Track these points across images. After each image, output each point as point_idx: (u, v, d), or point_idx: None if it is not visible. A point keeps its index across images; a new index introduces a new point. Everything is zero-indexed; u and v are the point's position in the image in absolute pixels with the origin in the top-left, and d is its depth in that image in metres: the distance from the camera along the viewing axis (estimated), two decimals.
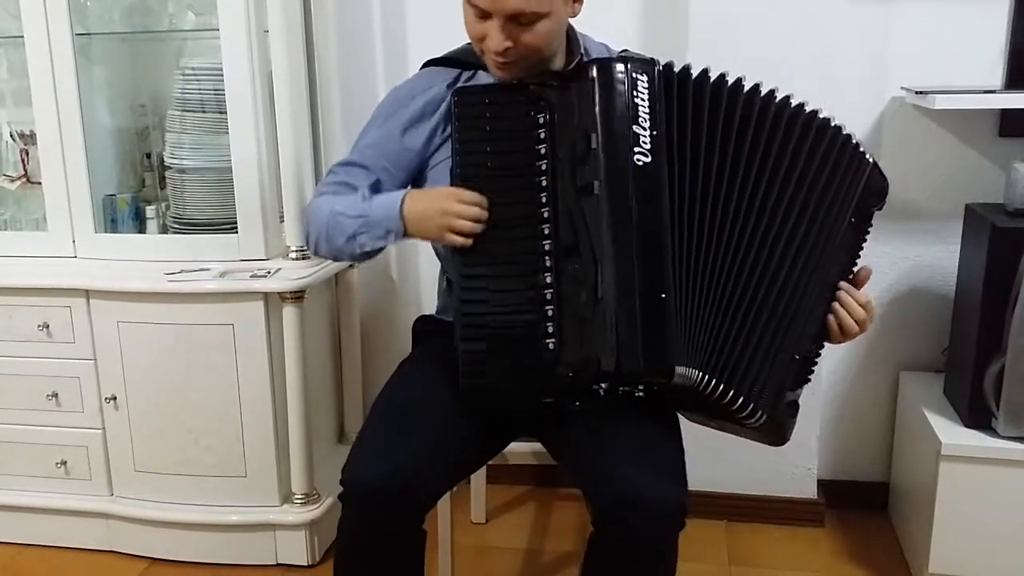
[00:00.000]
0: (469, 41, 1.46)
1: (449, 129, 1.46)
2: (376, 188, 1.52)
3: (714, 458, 2.22)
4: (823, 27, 2.03)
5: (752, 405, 1.37)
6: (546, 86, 1.38)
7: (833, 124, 1.42)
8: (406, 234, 1.43)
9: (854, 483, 2.34)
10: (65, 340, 2.10)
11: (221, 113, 2.04)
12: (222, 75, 2.00)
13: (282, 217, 2.10)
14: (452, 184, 1.39)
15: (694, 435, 2.28)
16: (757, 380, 1.37)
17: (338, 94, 2.25)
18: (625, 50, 1.58)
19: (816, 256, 1.40)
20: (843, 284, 1.44)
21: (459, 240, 1.36)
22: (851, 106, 2.11)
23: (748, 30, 2.05)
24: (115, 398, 2.10)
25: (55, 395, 2.13)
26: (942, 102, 1.89)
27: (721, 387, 1.35)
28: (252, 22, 1.96)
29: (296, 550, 2.12)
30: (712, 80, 1.38)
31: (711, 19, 2.08)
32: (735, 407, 1.37)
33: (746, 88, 1.39)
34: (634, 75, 1.33)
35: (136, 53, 2.35)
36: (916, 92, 1.99)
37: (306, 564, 2.12)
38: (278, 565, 2.13)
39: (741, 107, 1.37)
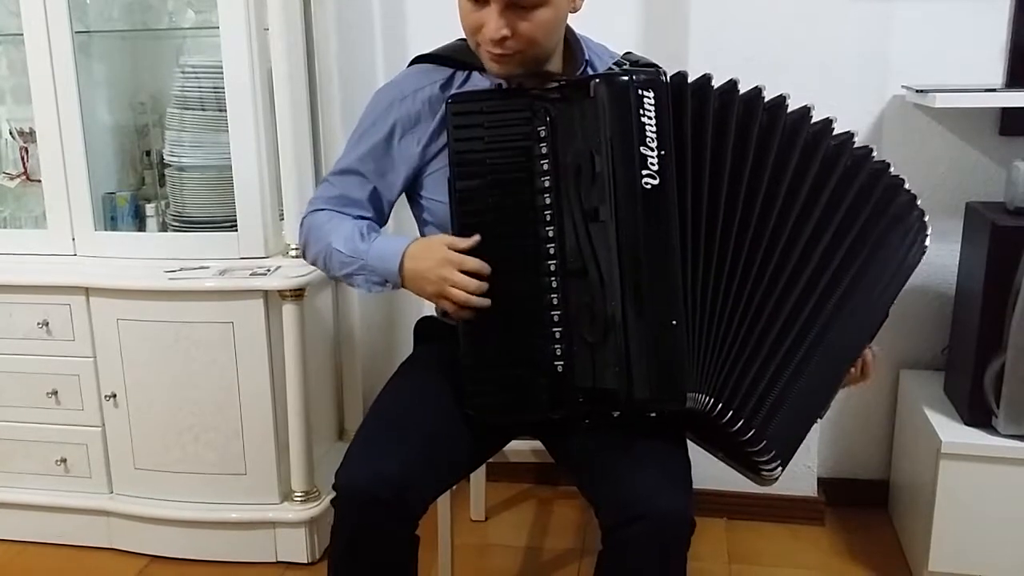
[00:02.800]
0: (462, 37, 1.43)
1: (445, 136, 1.41)
2: (375, 197, 1.52)
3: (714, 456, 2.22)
4: (824, 25, 2.03)
5: (770, 449, 1.33)
6: (546, 97, 1.33)
7: (907, 188, 1.36)
8: (404, 286, 1.41)
9: (854, 481, 2.34)
10: (65, 338, 2.10)
11: (221, 111, 2.04)
12: (222, 73, 1.99)
13: (282, 215, 2.10)
14: (450, 198, 1.37)
15: None
16: (774, 420, 1.32)
17: (338, 92, 2.25)
18: (628, 53, 1.52)
19: (860, 322, 1.36)
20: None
21: (452, 308, 1.35)
22: (851, 104, 2.10)
23: (748, 29, 2.05)
24: (115, 396, 2.10)
25: (55, 393, 2.13)
26: (943, 100, 1.88)
27: (733, 417, 1.31)
28: (252, 20, 1.96)
29: (296, 548, 2.12)
30: (724, 93, 1.31)
31: (712, 17, 2.09)
32: (754, 450, 1.33)
33: (768, 104, 1.32)
34: (640, 91, 1.27)
35: (136, 51, 2.34)
36: (916, 90, 1.99)
37: (306, 562, 2.12)
38: (278, 563, 2.13)
39: (759, 128, 1.31)
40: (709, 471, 2.22)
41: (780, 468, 1.36)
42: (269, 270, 2.02)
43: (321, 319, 2.30)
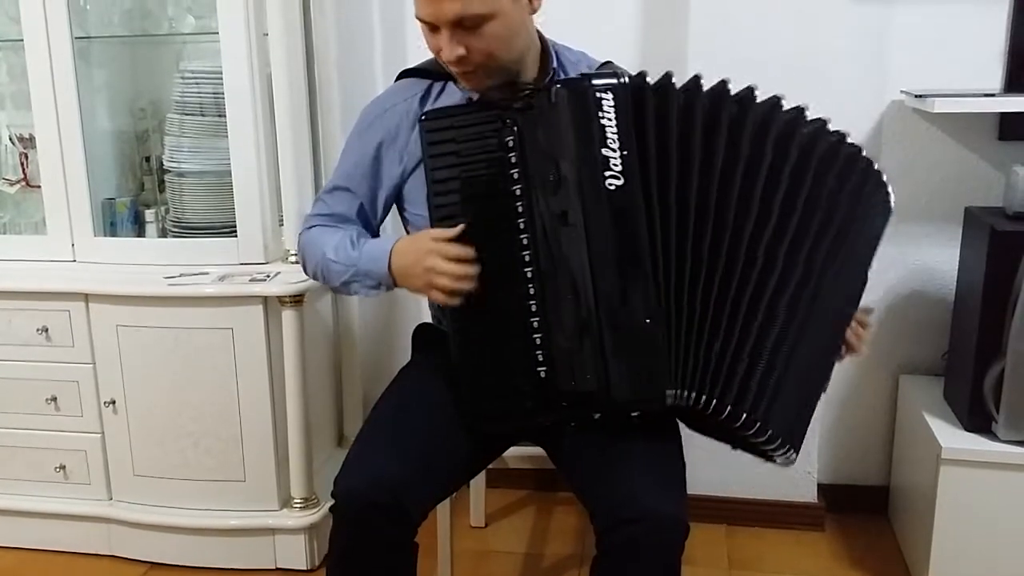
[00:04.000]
0: None
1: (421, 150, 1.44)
2: (363, 214, 1.56)
3: (714, 462, 2.21)
4: (823, 30, 2.03)
5: (776, 436, 1.32)
6: (512, 107, 1.36)
7: (849, 144, 1.36)
8: (396, 285, 1.44)
9: (854, 487, 2.34)
10: (64, 344, 2.10)
11: (220, 116, 2.04)
12: (221, 78, 2.00)
13: (281, 221, 2.10)
14: (429, 211, 1.39)
15: (695, 439, 2.27)
16: (774, 405, 1.31)
17: (338, 97, 2.25)
18: (608, 62, 1.54)
19: (844, 295, 1.37)
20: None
21: (441, 298, 1.36)
22: (850, 109, 2.10)
23: (747, 32, 2.05)
24: (114, 402, 2.09)
25: (54, 399, 2.13)
26: (941, 105, 1.88)
27: (732, 411, 1.30)
28: (251, 25, 1.96)
29: (295, 554, 2.12)
30: (689, 90, 1.32)
31: (711, 21, 2.09)
32: (759, 440, 1.32)
33: (736, 97, 1.33)
34: (598, 95, 1.29)
35: (135, 56, 2.35)
36: (915, 95, 1.99)
37: (305, 568, 2.12)
38: (277, 569, 2.13)
39: (728, 120, 1.32)
40: (709, 477, 2.23)
41: (792, 451, 1.36)
42: (269, 276, 2.01)
43: (321, 325, 2.30)
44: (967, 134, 2.11)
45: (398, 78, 1.59)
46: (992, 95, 1.93)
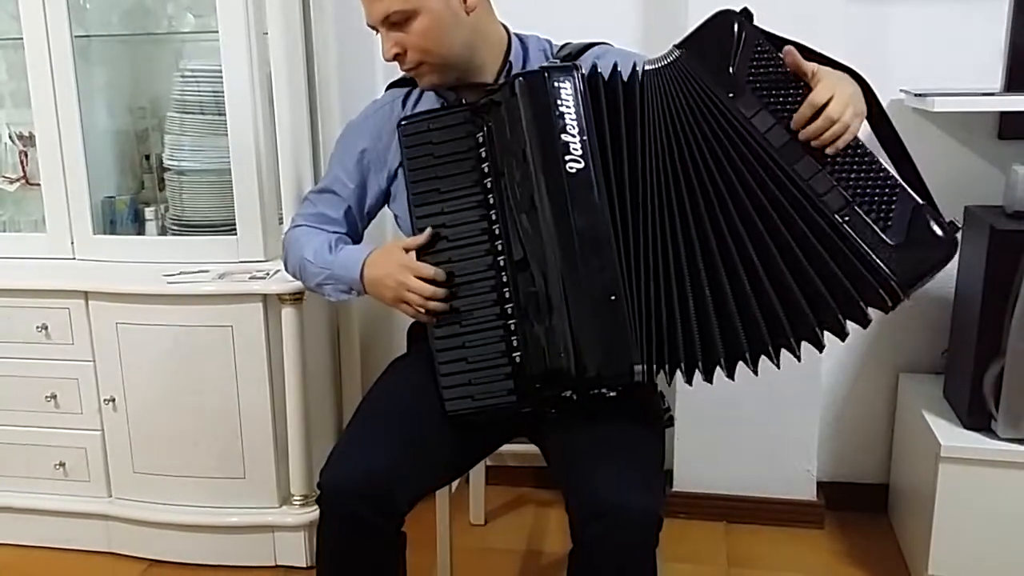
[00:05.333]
0: None
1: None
2: (350, 216, 1.62)
3: (713, 460, 2.23)
4: (821, 29, 2.03)
5: (766, 351, 1.32)
6: (479, 104, 1.41)
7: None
8: (367, 293, 1.50)
9: (854, 485, 2.34)
10: (64, 342, 2.10)
11: (220, 115, 2.05)
12: (221, 77, 2.00)
13: (281, 219, 2.10)
14: (409, 210, 1.45)
15: (694, 437, 2.28)
16: (774, 332, 1.32)
17: (337, 95, 2.24)
18: (567, 43, 1.58)
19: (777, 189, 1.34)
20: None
21: (410, 311, 1.43)
22: None
23: None
24: (114, 400, 2.10)
25: (54, 396, 2.13)
26: (941, 104, 1.88)
27: (708, 370, 1.32)
28: (251, 24, 1.97)
29: (295, 552, 2.12)
30: (627, 78, 1.37)
31: None
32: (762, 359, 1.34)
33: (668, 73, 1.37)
34: (556, 84, 1.34)
35: (135, 55, 2.35)
36: (915, 95, 1.99)
37: (304, 566, 2.12)
38: (277, 566, 2.13)
39: (660, 97, 1.36)
40: (709, 475, 2.23)
41: (898, 294, 1.40)
42: (268, 274, 2.02)
43: (320, 322, 2.30)
44: (967, 133, 2.11)
45: (386, 89, 1.65)
46: (992, 94, 1.93)
